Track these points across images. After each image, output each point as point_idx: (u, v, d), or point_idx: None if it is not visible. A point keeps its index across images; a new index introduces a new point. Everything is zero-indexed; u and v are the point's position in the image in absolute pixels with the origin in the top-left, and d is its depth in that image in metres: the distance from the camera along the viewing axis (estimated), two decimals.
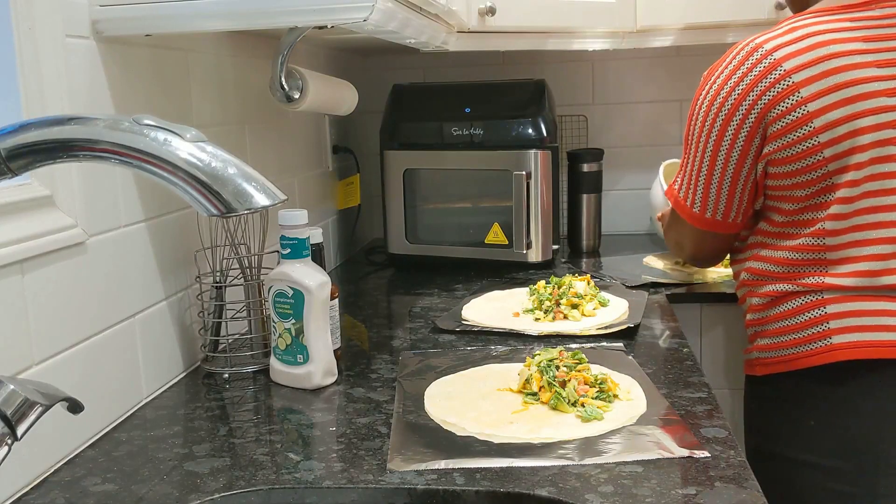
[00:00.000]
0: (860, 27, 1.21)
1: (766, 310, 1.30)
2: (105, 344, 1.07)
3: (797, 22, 1.25)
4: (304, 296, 1.19)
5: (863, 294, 1.21)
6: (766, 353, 1.30)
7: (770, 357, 1.30)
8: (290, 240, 1.19)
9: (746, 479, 0.87)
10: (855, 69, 1.19)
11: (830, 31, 1.21)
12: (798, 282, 1.25)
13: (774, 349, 1.29)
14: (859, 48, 1.20)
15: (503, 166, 1.90)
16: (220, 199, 0.63)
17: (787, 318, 1.27)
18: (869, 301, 1.20)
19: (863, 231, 1.21)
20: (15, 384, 0.67)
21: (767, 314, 1.30)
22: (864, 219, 1.21)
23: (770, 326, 1.29)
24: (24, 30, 0.95)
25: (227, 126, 1.45)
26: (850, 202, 1.20)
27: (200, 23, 1.07)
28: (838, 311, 1.22)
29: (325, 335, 1.22)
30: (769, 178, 1.26)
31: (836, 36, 1.21)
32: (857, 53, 1.19)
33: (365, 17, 1.03)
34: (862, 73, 1.19)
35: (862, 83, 1.18)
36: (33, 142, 0.65)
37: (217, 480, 0.92)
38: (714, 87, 1.28)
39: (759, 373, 1.32)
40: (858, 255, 1.21)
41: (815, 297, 1.23)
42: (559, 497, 0.84)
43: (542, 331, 1.44)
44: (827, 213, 1.22)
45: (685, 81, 2.39)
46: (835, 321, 1.21)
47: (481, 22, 1.81)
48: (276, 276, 1.21)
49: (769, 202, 1.29)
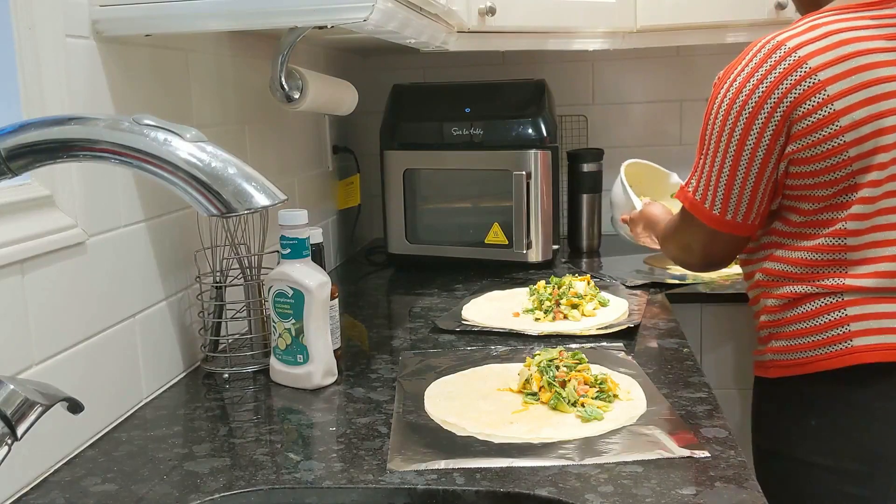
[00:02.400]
0: (881, 24, 1.20)
1: (783, 311, 1.27)
2: (105, 344, 1.07)
3: (818, 19, 1.22)
4: (305, 296, 1.18)
5: (884, 296, 1.19)
6: (782, 355, 1.28)
7: (786, 359, 1.27)
8: (290, 240, 1.19)
9: (746, 479, 0.87)
10: (879, 67, 1.17)
11: (853, 29, 1.19)
12: (817, 283, 1.23)
13: (791, 351, 1.26)
14: (882, 46, 1.18)
15: (503, 166, 1.90)
16: (220, 199, 0.63)
17: (805, 320, 1.24)
18: (890, 303, 1.19)
19: (884, 231, 1.19)
20: (15, 384, 0.67)
21: (784, 316, 1.27)
22: (886, 219, 1.19)
23: (787, 328, 1.27)
24: (24, 30, 0.95)
25: (227, 126, 1.45)
26: (872, 202, 1.19)
27: (200, 23, 1.07)
28: (859, 314, 1.20)
29: (325, 335, 1.22)
30: (789, 177, 1.23)
31: (859, 34, 1.19)
32: (881, 51, 1.17)
33: (365, 17, 1.03)
34: (886, 72, 1.17)
35: (886, 82, 1.16)
36: (33, 142, 0.65)
37: (217, 480, 0.92)
38: (735, 86, 1.23)
39: (774, 375, 1.30)
40: (879, 256, 1.19)
41: (835, 299, 1.21)
42: (559, 497, 0.84)
43: (542, 331, 1.44)
44: (848, 212, 1.20)
45: (685, 81, 2.39)
46: (856, 323, 1.19)
47: (481, 22, 1.81)
48: (276, 276, 1.20)
49: (786, 202, 1.27)
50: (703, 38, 2.00)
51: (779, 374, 1.29)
